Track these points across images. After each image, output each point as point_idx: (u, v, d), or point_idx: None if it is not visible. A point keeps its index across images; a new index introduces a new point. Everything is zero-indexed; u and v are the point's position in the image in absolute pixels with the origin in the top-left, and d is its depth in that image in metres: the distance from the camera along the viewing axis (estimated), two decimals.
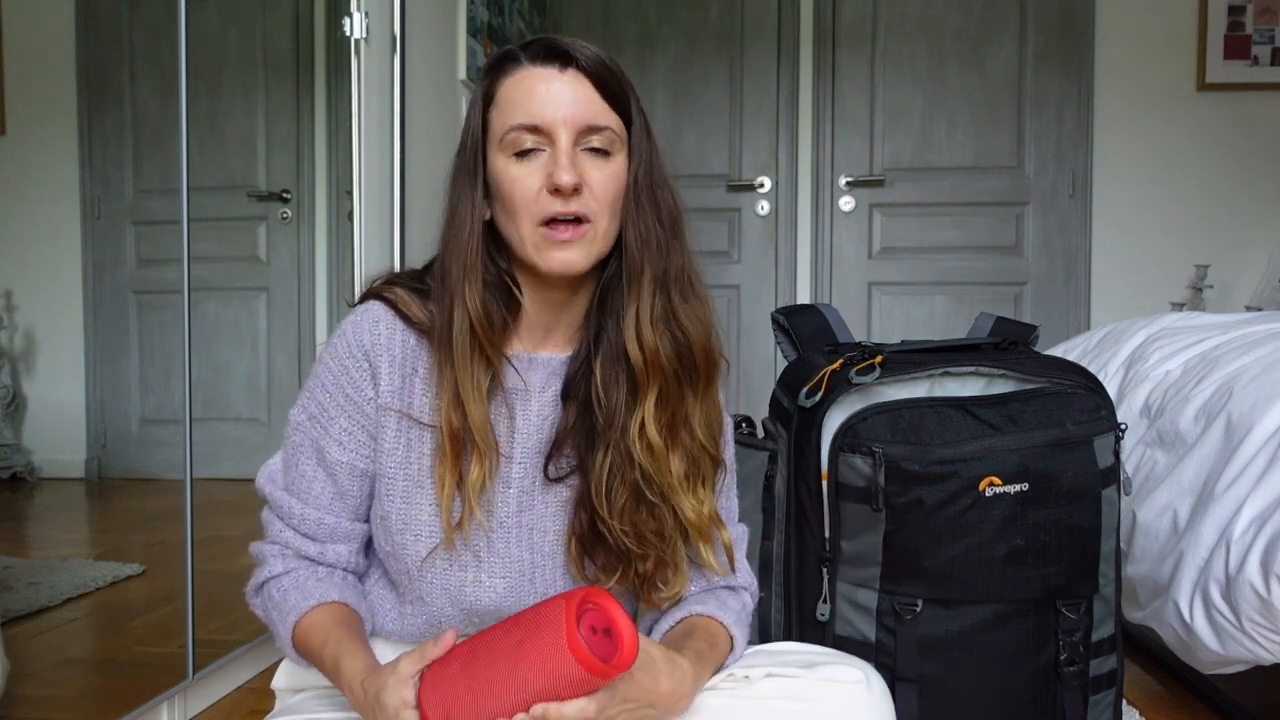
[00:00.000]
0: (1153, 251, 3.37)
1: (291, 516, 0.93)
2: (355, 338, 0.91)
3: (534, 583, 0.94)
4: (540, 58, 0.87)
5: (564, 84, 0.86)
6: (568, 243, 0.86)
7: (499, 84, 0.89)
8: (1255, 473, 1.27)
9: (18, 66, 2.70)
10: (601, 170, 0.87)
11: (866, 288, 3.48)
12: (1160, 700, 1.62)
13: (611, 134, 0.88)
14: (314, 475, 0.92)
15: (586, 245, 0.87)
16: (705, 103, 3.49)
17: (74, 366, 2.94)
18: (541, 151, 0.86)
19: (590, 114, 0.87)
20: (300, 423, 0.93)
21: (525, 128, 0.86)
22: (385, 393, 0.90)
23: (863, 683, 0.86)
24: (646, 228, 0.90)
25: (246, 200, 2.78)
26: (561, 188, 0.84)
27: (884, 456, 1.08)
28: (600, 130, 0.87)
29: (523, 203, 0.86)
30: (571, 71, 0.87)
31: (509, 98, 0.87)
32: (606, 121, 0.87)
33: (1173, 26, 3.35)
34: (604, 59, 0.88)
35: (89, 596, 2.15)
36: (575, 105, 0.86)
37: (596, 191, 0.86)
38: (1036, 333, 1.31)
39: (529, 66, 0.87)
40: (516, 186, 0.86)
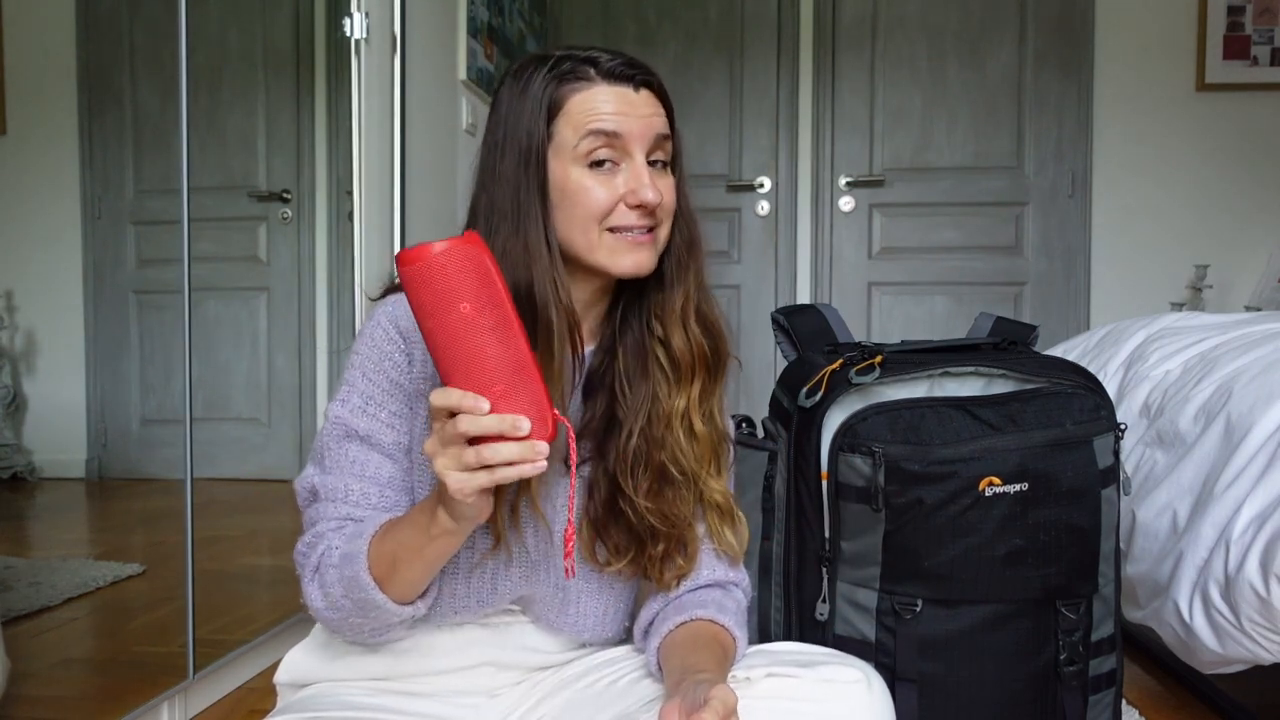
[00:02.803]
0: (1152, 251, 3.37)
1: (349, 494, 0.90)
2: (391, 322, 0.92)
3: (548, 571, 0.96)
4: (615, 77, 0.92)
5: (639, 101, 0.93)
6: (643, 245, 0.92)
7: (569, 95, 0.92)
8: (1255, 473, 1.27)
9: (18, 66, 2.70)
10: (666, 183, 0.94)
11: (866, 288, 3.48)
12: (1160, 700, 1.62)
13: (672, 147, 0.96)
14: (367, 458, 0.91)
15: (655, 249, 0.94)
16: (705, 103, 3.49)
17: (74, 366, 2.95)
18: (615, 165, 0.91)
19: (661, 126, 0.94)
20: (342, 416, 0.92)
21: (605, 135, 0.90)
22: (419, 378, 0.92)
23: (862, 682, 0.86)
24: (690, 231, 0.98)
25: (246, 200, 2.78)
26: (647, 204, 0.90)
27: (884, 456, 1.08)
28: (665, 143, 0.94)
29: (597, 212, 0.91)
30: (645, 90, 0.93)
31: (585, 108, 0.91)
32: (669, 134, 0.95)
33: (1172, 27, 3.35)
34: (659, 81, 0.96)
35: (89, 596, 2.15)
36: (650, 120, 0.92)
37: (665, 203, 0.93)
38: (1036, 333, 1.31)
39: (604, 83, 0.92)
40: (593, 197, 0.90)
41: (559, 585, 0.97)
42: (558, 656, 1.01)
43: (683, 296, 0.97)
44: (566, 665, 1.01)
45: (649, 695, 0.91)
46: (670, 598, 0.98)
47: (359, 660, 0.97)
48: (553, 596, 0.98)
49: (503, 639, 0.99)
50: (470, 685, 0.99)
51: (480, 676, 0.99)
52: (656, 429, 0.95)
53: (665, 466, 0.95)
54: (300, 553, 0.90)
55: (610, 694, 0.94)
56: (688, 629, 0.93)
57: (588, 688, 0.96)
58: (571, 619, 0.99)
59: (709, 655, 0.88)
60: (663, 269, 0.96)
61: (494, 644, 0.98)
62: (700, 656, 0.87)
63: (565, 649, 1.01)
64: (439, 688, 0.98)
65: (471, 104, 2.77)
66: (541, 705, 0.98)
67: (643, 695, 0.91)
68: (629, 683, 0.94)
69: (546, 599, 0.98)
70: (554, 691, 0.98)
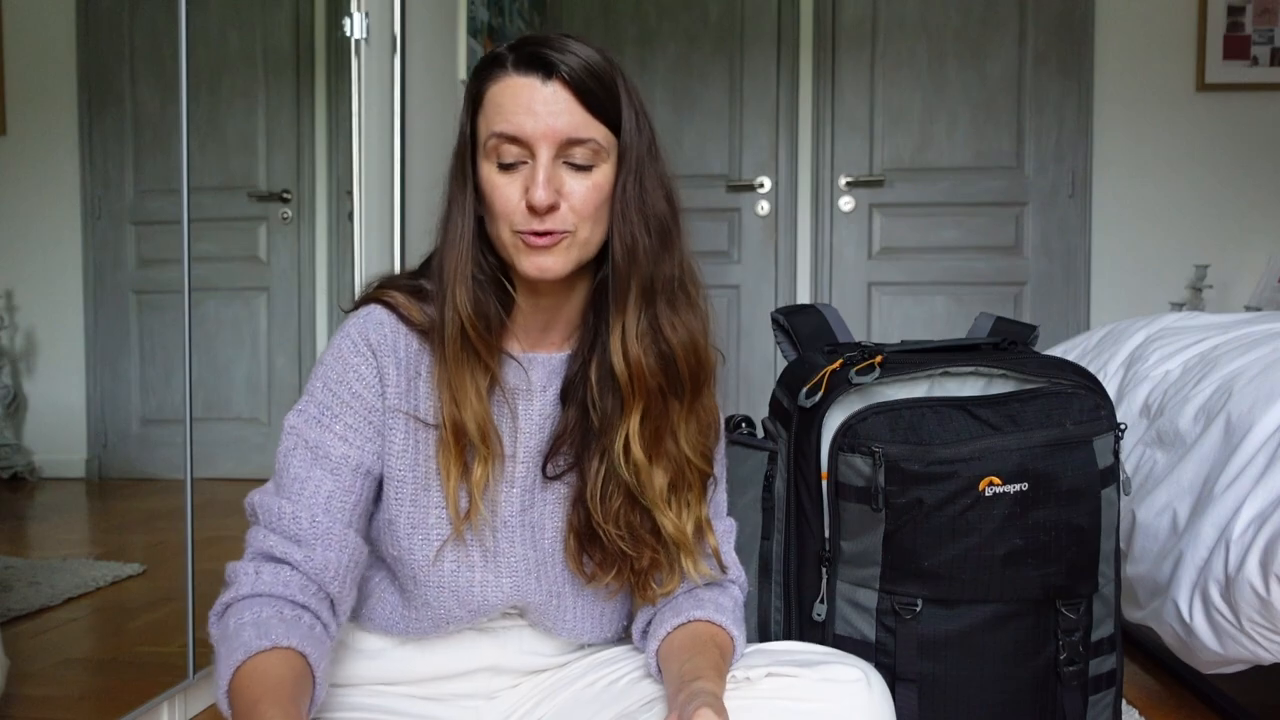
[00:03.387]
0: (1152, 251, 3.37)
1: (281, 518, 0.87)
2: (361, 336, 0.90)
3: (539, 580, 0.95)
4: (524, 66, 0.86)
5: (546, 95, 0.85)
6: (544, 249, 0.86)
7: (487, 88, 0.88)
8: (1255, 472, 1.27)
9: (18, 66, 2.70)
10: (582, 183, 0.86)
11: (866, 288, 3.48)
12: (1160, 700, 1.62)
13: (595, 145, 0.86)
14: (309, 475, 0.88)
15: (563, 252, 0.87)
16: (705, 103, 3.49)
17: (74, 366, 2.95)
18: (523, 164, 0.86)
19: (571, 127, 0.85)
20: (296, 426, 0.90)
21: (505, 138, 0.85)
22: (393, 394, 0.90)
23: (862, 682, 0.86)
24: (633, 239, 0.89)
25: (246, 200, 2.78)
26: (535, 207, 0.84)
27: (884, 456, 1.08)
28: (582, 143, 0.86)
29: (502, 212, 0.87)
30: (555, 83, 0.85)
31: (493, 105, 0.87)
32: (589, 134, 0.86)
33: (1172, 27, 3.35)
34: (592, 66, 0.86)
35: (89, 596, 2.15)
36: (556, 118, 0.85)
37: (576, 204, 0.86)
38: (1036, 333, 1.31)
39: (513, 75, 0.86)
40: (497, 195, 0.87)
41: (553, 593, 0.96)
42: (557, 659, 1.01)
43: (622, 313, 0.90)
44: (566, 666, 1.01)
45: (649, 695, 0.91)
46: (666, 599, 0.97)
47: (357, 664, 0.97)
48: (547, 604, 0.97)
49: (502, 643, 0.99)
50: (469, 689, 0.99)
51: (479, 680, 0.99)
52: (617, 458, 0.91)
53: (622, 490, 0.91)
54: (228, 573, 0.88)
55: (610, 694, 0.94)
56: (685, 631, 0.92)
57: (588, 687, 0.96)
58: (570, 624, 0.98)
59: (706, 660, 0.86)
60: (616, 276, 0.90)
61: (493, 648, 0.98)
62: (697, 662, 0.86)
63: (564, 651, 1.01)
64: (439, 691, 0.98)
65: None
66: (541, 705, 0.98)
67: (643, 695, 0.91)
68: (629, 683, 0.94)
69: (542, 606, 0.97)
70: (554, 692, 0.98)
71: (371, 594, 0.96)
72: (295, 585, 0.84)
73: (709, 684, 0.81)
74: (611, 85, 0.87)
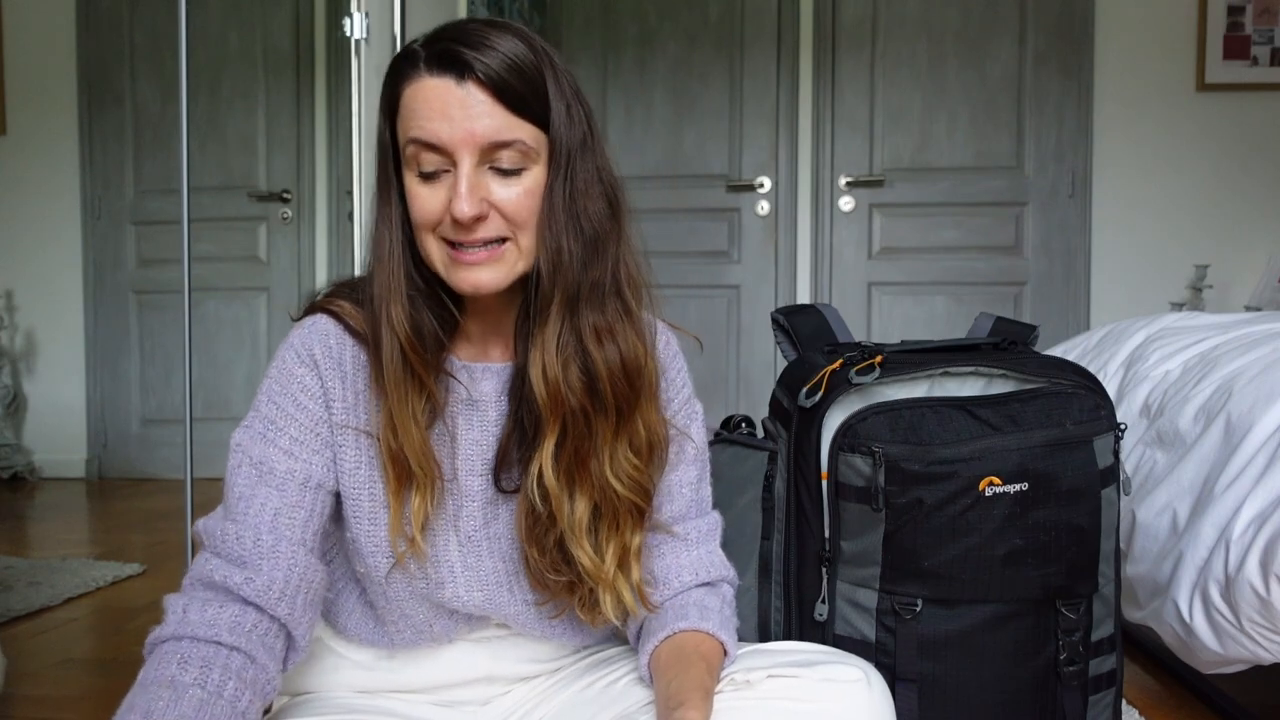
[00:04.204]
0: (1152, 251, 3.37)
1: (225, 540, 0.81)
2: (305, 348, 0.87)
3: (513, 591, 0.92)
4: (436, 66, 0.78)
5: (462, 98, 0.77)
6: (478, 264, 0.81)
7: (402, 90, 0.81)
8: (1255, 472, 1.27)
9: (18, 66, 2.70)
10: (511, 189, 0.80)
11: (866, 288, 3.48)
12: (1160, 700, 1.62)
13: (522, 147, 0.80)
14: (253, 493, 0.83)
15: (502, 265, 0.82)
16: (705, 103, 3.49)
17: (74, 366, 2.95)
18: (445, 172, 0.80)
19: (493, 130, 0.78)
20: (241, 443, 0.86)
21: (423, 145, 0.79)
22: (339, 410, 0.86)
23: (863, 682, 0.86)
24: (559, 247, 0.82)
25: (246, 200, 2.79)
26: (459, 219, 0.78)
27: (884, 456, 1.08)
28: (506, 146, 0.79)
29: (425, 223, 0.81)
30: (470, 83, 0.78)
31: (408, 110, 0.80)
32: (513, 135, 0.79)
33: (1172, 26, 3.35)
34: (512, 60, 0.78)
35: (89, 596, 2.15)
36: (475, 122, 0.77)
37: (508, 212, 0.80)
38: (1036, 333, 1.31)
39: (426, 76, 0.78)
40: (421, 208, 0.80)
41: (527, 602, 0.93)
42: (554, 664, 1.00)
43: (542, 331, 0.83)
44: (565, 667, 1.01)
45: (648, 696, 0.90)
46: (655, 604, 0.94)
47: (353, 673, 0.96)
48: (525, 614, 0.94)
49: (496, 653, 0.98)
50: (468, 696, 0.99)
51: (476, 690, 0.98)
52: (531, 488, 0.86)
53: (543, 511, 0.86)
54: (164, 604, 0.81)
55: (608, 695, 0.94)
56: (672, 645, 0.89)
57: (586, 689, 0.96)
58: (558, 629, 0.96)
59: (690, 680, 0.83)
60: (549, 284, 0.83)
61: (488, 658, 0.97)
62: (682, 682, 0.83)
63: (560, 655, 1.01)
64: (436, 697, 0.98)
65: None
66: (540, 707, 0.97)
67: (642, 696, 0.91)
68: (627, 684, 0.94)
69: (520, 616, 0.94)
70: (553, 693, 0.98)
71: (351, 610, 0.95)
72: (224, 624, 0.78)
73: (692, 711, 0.78)
74: (537, 78, 0.80)
